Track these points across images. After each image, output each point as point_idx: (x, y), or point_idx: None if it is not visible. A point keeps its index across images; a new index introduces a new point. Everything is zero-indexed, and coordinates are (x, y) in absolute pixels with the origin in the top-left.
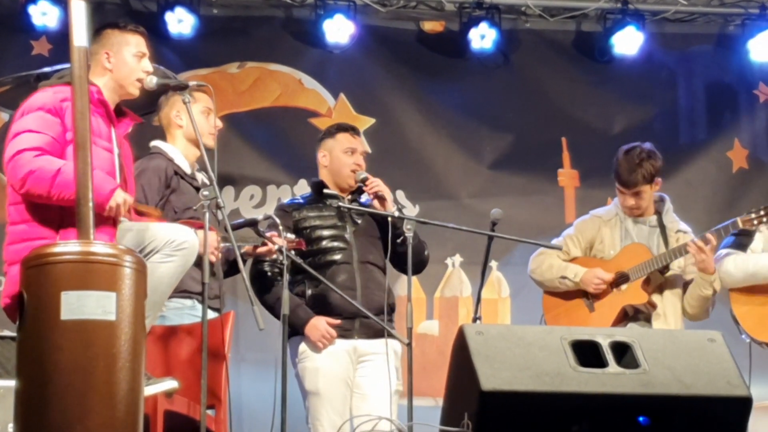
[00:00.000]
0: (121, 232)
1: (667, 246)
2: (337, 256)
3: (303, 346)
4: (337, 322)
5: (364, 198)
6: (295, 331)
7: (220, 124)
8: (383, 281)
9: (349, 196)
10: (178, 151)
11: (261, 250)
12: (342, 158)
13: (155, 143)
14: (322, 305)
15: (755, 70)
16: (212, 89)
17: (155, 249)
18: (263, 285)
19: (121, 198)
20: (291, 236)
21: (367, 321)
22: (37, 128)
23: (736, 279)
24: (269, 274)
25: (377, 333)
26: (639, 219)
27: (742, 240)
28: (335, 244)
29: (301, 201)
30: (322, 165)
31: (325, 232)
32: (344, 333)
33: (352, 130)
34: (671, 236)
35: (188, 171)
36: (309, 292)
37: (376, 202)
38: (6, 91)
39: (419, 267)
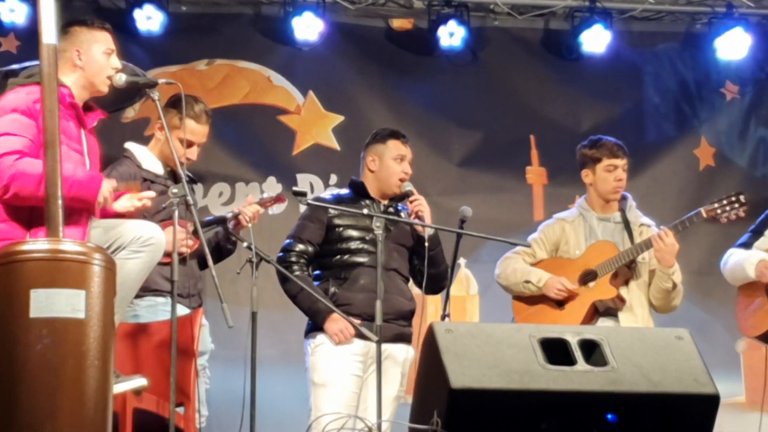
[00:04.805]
0: (88, 229)
1: (632, 240)
2: (363, 259)
3: (320, 339)
4: (358, 321)
5: (401, 204)
6: (315, 324)
7: None
8: (405, 288)
9: (387, 201)
10: (152, 154)
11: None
12: (392, 166)
13: (128, 145)
14: (343, 305)
15: (722, 68)
16: (182, 87)
17: (122, 245)
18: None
19: (107, 190)
20: (271, 193)
21: (386, 325)
22: (14, 131)
23: (726, 278)
24: (296, 270)
25: (393, 337)
26: (603, 216)
27: (752, 238)
28: (363, 246)
29: (343, 196)
30: (369, 169)
31: (356, 233)
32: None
33: (403, 137)
34: (635, 230)
35: (160, 172)
36: (332, 290)
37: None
38: None
39: (439, 289)
